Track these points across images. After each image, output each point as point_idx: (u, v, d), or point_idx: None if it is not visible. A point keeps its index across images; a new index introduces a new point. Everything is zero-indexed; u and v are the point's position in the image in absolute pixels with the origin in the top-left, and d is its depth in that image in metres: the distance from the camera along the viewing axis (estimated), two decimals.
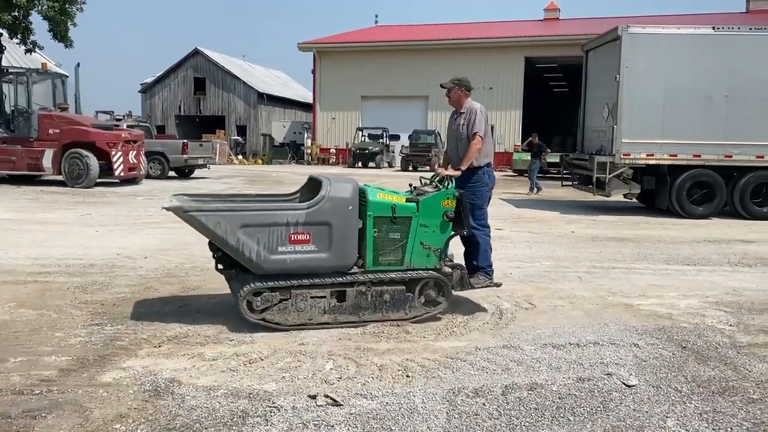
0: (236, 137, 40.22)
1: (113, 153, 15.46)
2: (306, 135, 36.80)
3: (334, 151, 34.34)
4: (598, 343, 4.49)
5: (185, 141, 20.19)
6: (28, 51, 19.12)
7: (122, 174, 15.88)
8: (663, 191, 12.34)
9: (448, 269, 4.97)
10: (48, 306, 5.10)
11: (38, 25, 21.24)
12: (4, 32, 17.52)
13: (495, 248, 8.26)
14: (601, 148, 12.84)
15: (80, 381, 3.60)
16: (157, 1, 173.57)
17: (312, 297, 4.65)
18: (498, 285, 5.36)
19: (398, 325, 4.71)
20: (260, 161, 35.40)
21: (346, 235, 4.61)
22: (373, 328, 4.64)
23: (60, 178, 15.48)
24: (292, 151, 36.60)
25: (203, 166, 21.05)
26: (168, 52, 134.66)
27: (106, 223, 9.64)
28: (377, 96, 33.07)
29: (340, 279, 4.66)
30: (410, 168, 28.21)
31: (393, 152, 32.02)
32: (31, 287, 5.71)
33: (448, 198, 4.88)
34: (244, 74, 43.27)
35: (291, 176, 22.10)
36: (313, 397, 3.44)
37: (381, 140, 31.46)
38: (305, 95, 46.75)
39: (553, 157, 22.53)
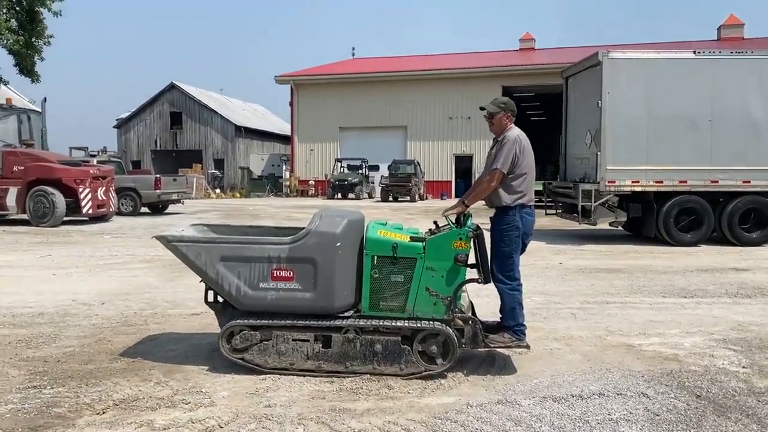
0: (214, 171, 39.65)
1: (81, 190, 14.84)
2: (284, 167, 36.42)
3: (313, 182, 33.97)
4: (603, 394, 4.00)
5: (158, 176, 19.59)
6: None
7: (91, 211, 15.23)
8: (650, 219, 12.01)
9: (459, 322, 4.33)
10: None
11: (3, 59, 20.66)
12: None
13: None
14: (585, 176, 12.52)
15: None
16: (133, 35, 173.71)
17: (294, 339, 4.23)
18: (527, 347, 4.53)
19: (378, 379, 4.18)
20: (238, 195, 34.85)
21: (333, 274, 4.15)
22: (351, 383, 4.11)
23: (24, 217, 14.80)
24: (270, 183, 36.14)
25: (177, 201, 20.43)
26: (144, 86, 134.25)
27: (66, 265, 9.01)
28: (355, 127, 32.87)
29: (325, 323, 4.19)
30: (390, 198, 27.86)
31: (372, 183, 31.70)
32: None
33: (460, 238, 4.23)
34: (221, 108, 42.86)
35: (268, 209, 21.58)
36: None
37: (360, 171, 31.15)
38: (283, 127, 46.46)
39: (538, 186, 22.20)
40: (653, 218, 11.90)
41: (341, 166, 31.64)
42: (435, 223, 4.59)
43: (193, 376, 4.22)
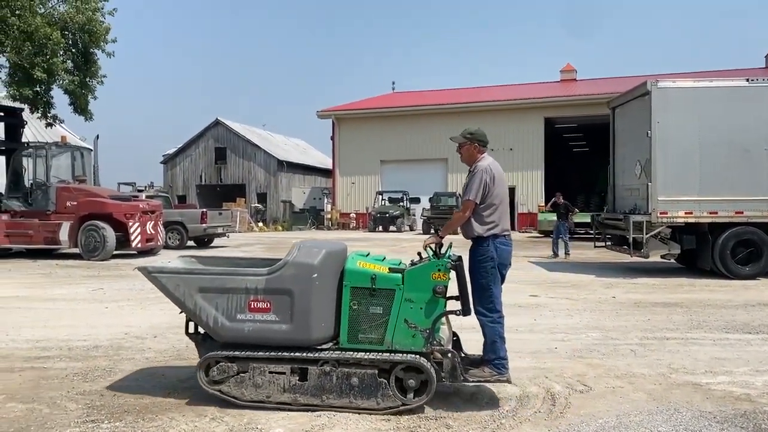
0: (257, 204, 40.24)
1: (130, 224, 15.16)
2: (326, 200, 36.72)
3: (355, 215, 34.10)
4: None
5: (204, 210, 19.94)
6: (49, 125, 19.22)
7: (140, 245, 15.52)
8: (705, 251, 11.62)
9: (438, 355, 4.22)
10: (41, 398, 4.53)
11: (59, 98, 21.50)
12: (25, 107, 17.61)
13: (533, 317, 7.70)
14: (635, 207, 12.23)
15: None
16: (179, 74, 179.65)
17: (270, 372, 4.18)
18: (508, 381, 4.40)
19: (436, 418, 4.06)
20: (280, 228, 35.19)
21: (309, 305, 4.10)
22: (408, 421, 4.00)
23: (76, 251, 15.17)
24: (312, 216, 36.44)
25: (222, 234, 20.74)
26: (190, 123, 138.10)
27: (118, 299, 9.15)
28: (396, 160, 33.01)
29: (300, 355, 4.13)
30: (432, 231, 27.70)
31: (414, 215, 31.65)
32: (26, 375, 5.16)
33: (439, 270, 4.16)
34: (264, 143, 43.68)
35: None
36: None
37: (401, 203, 31.16)
38: (324, 161, 47.00)
39: (584, 217, 21.90)
40: (708, 250, 11.51)
41: (382, 199, 31.74)
42: (419, 254, 4.50)
43: (247, 412, 4.17)
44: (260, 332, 4.16)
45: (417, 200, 31.41)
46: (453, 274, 4.29)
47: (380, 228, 30.08)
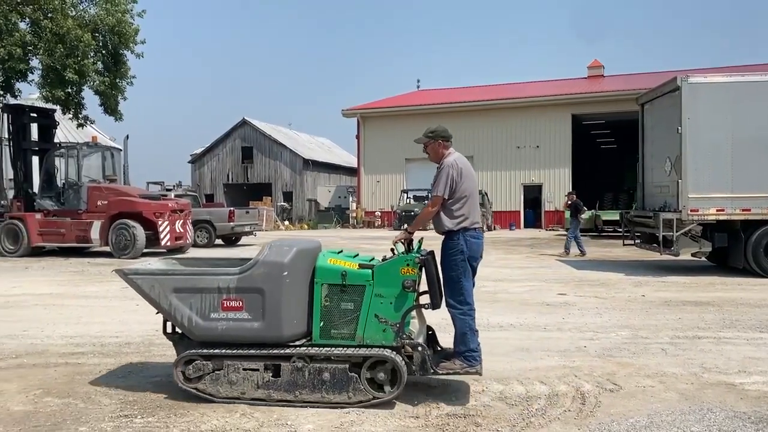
0: (282, 203, 40.53)
1: (160, 223, 15.39)
2: (351, 199, 36.82)
3: (380, 213, 34.14)
4: None
5: (232, 209, 20.17)
6: (80, 125, 19.59)
7: (169, 243, 15.74)
8: (737, 249, 11.39)
9: (409, 348, 4.26)
10: (76, 393, 4.63)
11: (90, 99, 21.90)
12: (58, 108, 17.97)
13: (561, 316, 7.64)
14: (665, 204, 12.05)
15: None
16: (206, 74, 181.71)
17: (244, 369, 4.27)
18: (478, 374, 4.46)
19: (464, 416, 4.06)
20: (306, 226, 35.40)
21: (280, 303, 4.17)
22: (437, 419, 4.00)
23: (107, 249, 15.44)
24: (337, 215, 36.57)
25: (249, 233, 20.96)
26: (216, 123, 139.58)
27: None
28: (422, 158, 32.64)
29: (273, 351, 4.21)
30: (403, 227, 27.58)
31: None
32: (61, 370, 5.28)
33: (407, 265, 4.23)
34: (290, 142, 43.97)
35: (337, 240, 21.72)
36: None
37: (426, 201, 31.09)
38: (349, 160, 47.15)
39: (612, 215, 21.64)
40: (741, 248, 11.29)
41: (407, 197, 31.72)
42: (392, 250, 4.55)
43: (277, 409, 4.21)
44: (233, 330, 4.25)
45: None
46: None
47: (405, 226, 29.98)
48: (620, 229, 16.21)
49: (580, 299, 8.96)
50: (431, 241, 4.86)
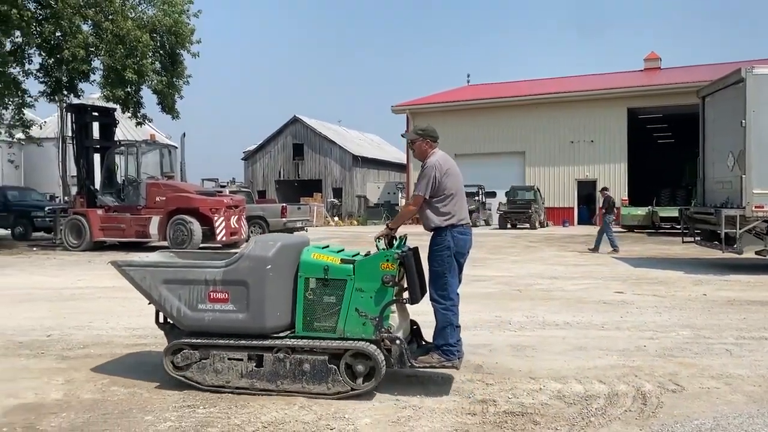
0: (332, 199, 40.89)
1: (216, 218, 15.74)
2: (400, 195, 36.85)
3: None
4: None
5: (284, 205, 20.49)
6: (139, 124, 20.18)
7: (224, 238, 16.09)
8: None
9: (387, 342, 4.32)
10: (141, 383, 4.79)
11: (148, 98, 22.52)
12: (117, 107, 18.56)
13: (619, 314, 7.48)
14: (728, 201, 11.64)
15: None
16: (258, 72, 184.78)
17: (229, 358, 4.44)
18: (455, 368, 4.53)
19: (522, 414, 4.02)
20: (355, 222, 35.64)
21: (263, 295, 4.30)
22: (494, 416, 3.98)
23: (165, 244, 15.88)
24: (386, 211, 36.67)
25: (301, 228, 21.23)
26: (269, 120, 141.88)
27: None
28: (472, 153, 32.64)
29: (256, 342, 4.35)
30: (509, 225, 27.35)
31: (489, 210, 31.27)
32: (126, 361, 5.48)
33: (387, 260, 4.33)
34: (339, 139, 44.32)
35: None
36: None
37: (477, 198, 30.82)
38: (399, 156, 47.19)
39: (671, 211, 21.06)
40: None
41: None
42: (376, 246, 4.65)
43: (335, 402, 4.26)
44: (219, 321, 4.40)
45: (493, 194, 30.94)
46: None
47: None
48: (678, 226, 15.71)
49: (639, 298, 8.75)
50: (419, 238, 4.89)
